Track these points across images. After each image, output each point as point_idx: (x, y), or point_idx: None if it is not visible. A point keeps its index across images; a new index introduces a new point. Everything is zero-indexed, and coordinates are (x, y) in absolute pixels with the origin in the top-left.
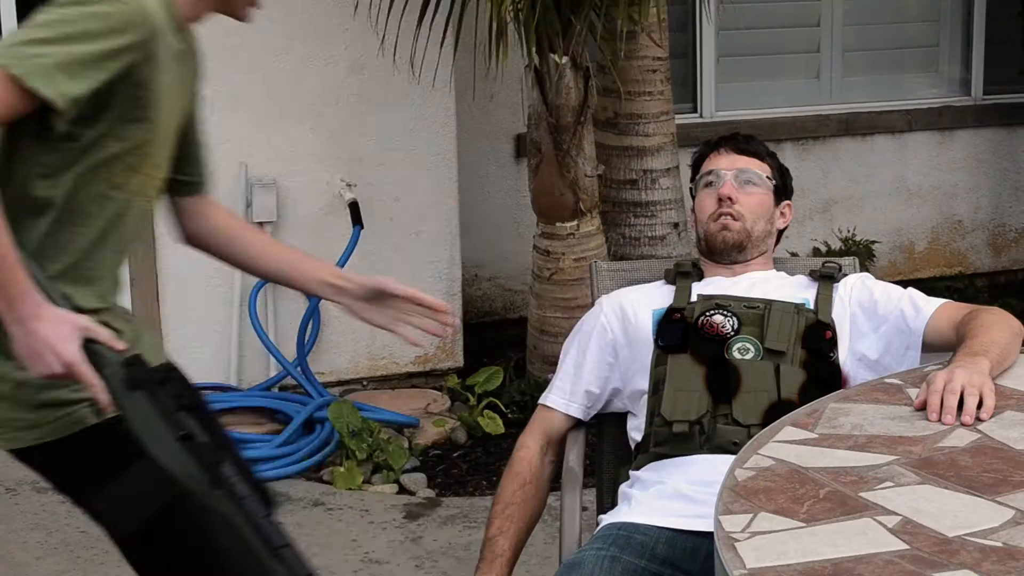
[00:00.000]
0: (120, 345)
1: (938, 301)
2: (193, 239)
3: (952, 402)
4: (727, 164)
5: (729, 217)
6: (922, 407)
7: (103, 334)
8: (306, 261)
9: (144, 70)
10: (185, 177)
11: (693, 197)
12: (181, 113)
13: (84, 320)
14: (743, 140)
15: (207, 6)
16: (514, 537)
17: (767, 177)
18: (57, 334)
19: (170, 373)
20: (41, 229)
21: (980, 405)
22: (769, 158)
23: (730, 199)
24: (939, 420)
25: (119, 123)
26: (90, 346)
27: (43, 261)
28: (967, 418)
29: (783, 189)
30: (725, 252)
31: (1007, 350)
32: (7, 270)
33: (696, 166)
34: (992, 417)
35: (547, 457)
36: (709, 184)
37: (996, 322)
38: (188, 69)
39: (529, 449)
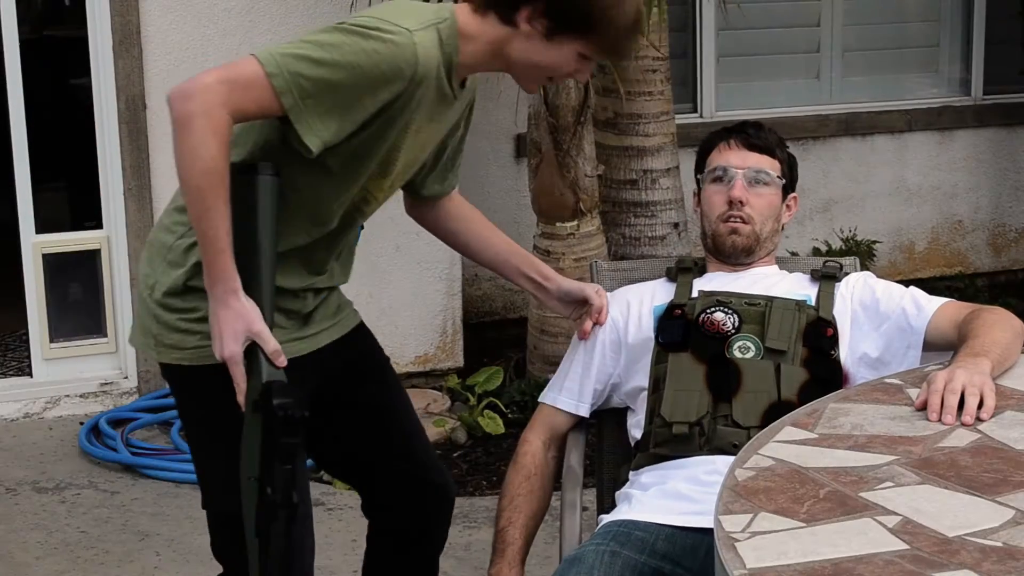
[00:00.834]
0: (282, 361)
1: (940, 300)
2: (423, 219)
3: (952, 402)
4: (738, 161)
5: (739, 221)
6: (923, 407)
7: (270, 346)
8: (516, 255)
9: (395, 109)
10: (437, 187)
11: (698, 187)
12: (430, 145)
13: (259, 325)
14: (754, 133)
15: (495, 66)
16: (523, 528)
17: (778, 176)
18: (230, 327)
19: (301, 420)
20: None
21: (981, 405)
22: (780, 149)
23: (741, 202)
24: (939, 420)
25: (352, 152)
26: (254, 350)
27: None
28: (967, 418)
29: (791, 182)
30: (733, 255)
31: (1008, 350)
32: (213, 253)
33: (703, 154)
34: (992, 417)
35: (551, 453)
36: (718, 180)
37: (998, 322)
38: (452, 109)
39: (532, 444)
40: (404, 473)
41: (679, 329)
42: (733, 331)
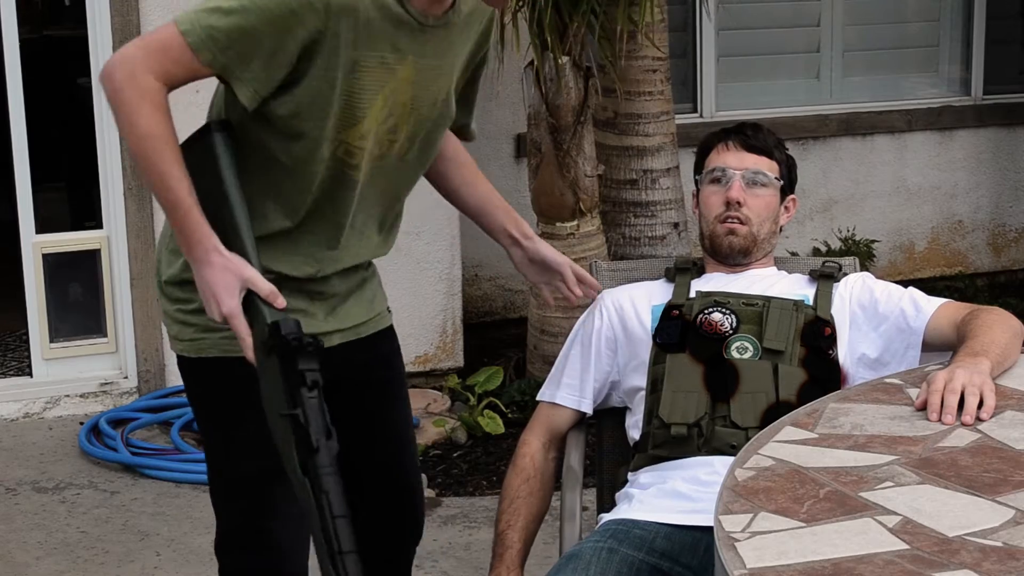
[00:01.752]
0: (280, 302)
1: (939, 301)
2: None
3: (952, 401)
4: (736, 162)
5: (736, 221)
6: (923, 407)
7: (264, 288)
8: (499, 209)
9: (325, 48)
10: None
11: (697, 188)
12: (426, 81)
13: (248, 271)
14: (752, 134)
15: None
16: (523, 530)
17: (776, 177)
18: (221, 282)
19: (315, 346)
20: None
21: (981, 405)
22: (778, 151)
23: (738, 203)
24: (939, 420)
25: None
26: (251, 298)
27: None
28: (967, 418)
29: (789, 184)
30: (730, 256)
31: (1007, 350)
32: (181, 215)
33: (701, 155)
34: (992, 417)
35: (550, 454)
36: (716, 181)
37: (997, 322)
38: (440, 38)
39: (531, 445)
40: (382, 493)
41: (677, 330)
42: (731, 332)
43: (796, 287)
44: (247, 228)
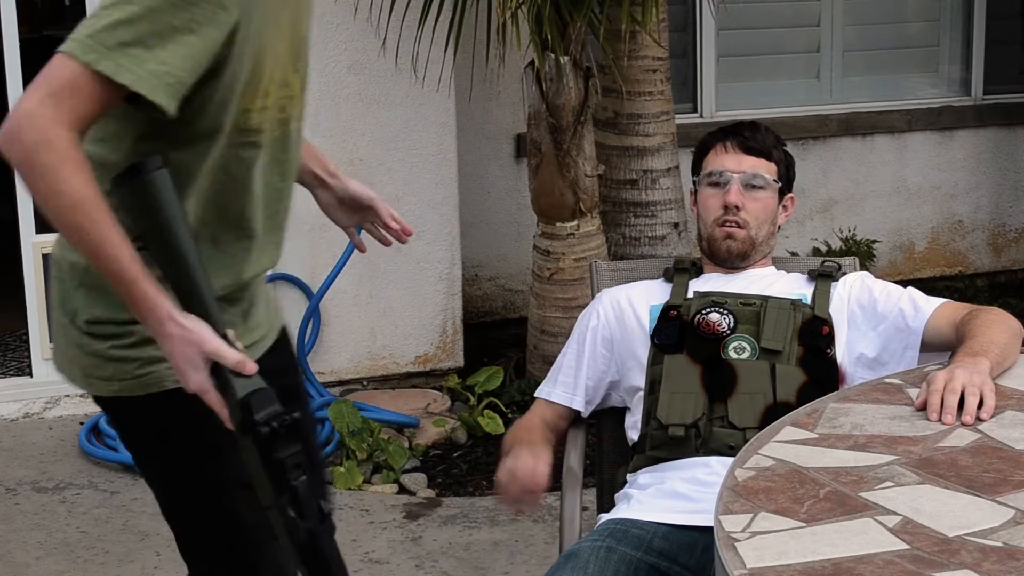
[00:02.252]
0: (250, 368)
1: (938, 301)
2: None
3: (952, 402)
4: (733, 165)
5: (734, 225)
6: (923, 407)
7: (231, 359)
8: (306, 149)
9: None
10: None
11: (695, 188)
12: (300, 16)
13: (211, 343)
14: (750, 135)
15: None
16: (540, 429)
17: (773, 180)
18: (182, 355)
19: (292, 424)
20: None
21: (980, 405)
22: (776, 150)
23: (736, 207)
24: (939, 420)
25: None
26: (218, 368)
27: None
28: (967, 418)
29: (787, 183)
30: (728, 259)
31: (1007, 350)
32: (127, 284)
33: (699, 156)
34: (992, 417)
35: (549, 436)
36: (714, 184)
37: (996, 322)
38: None
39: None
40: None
41: (674, 330)
42: (728, 332)
43: (794, 286)
44: (202, 278)
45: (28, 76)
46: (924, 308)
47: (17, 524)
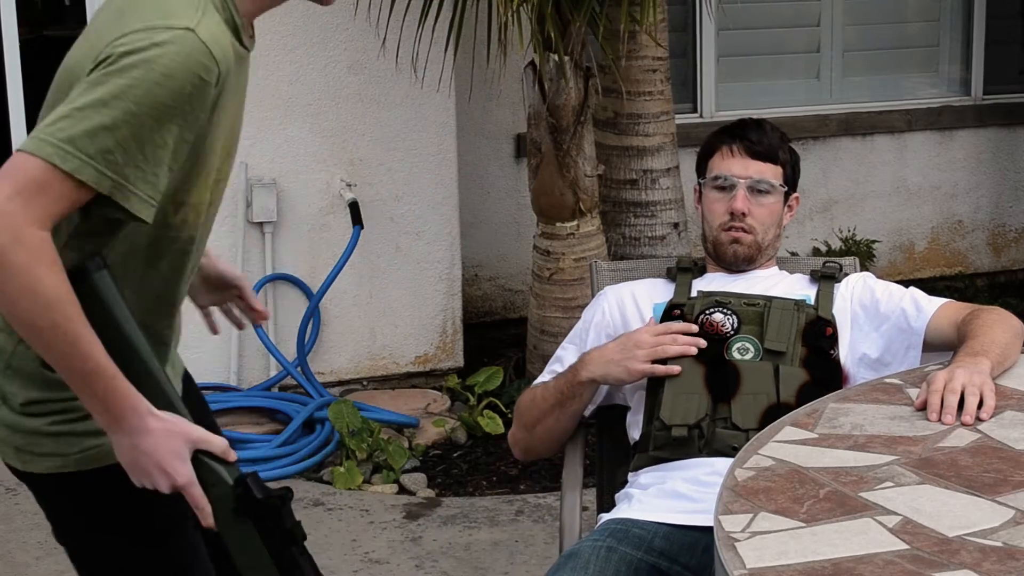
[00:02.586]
0: (232, 455)
1: (940, 301)
2: None
3: (952, 401)
4: (740, 170)
5: (741, 231)
6: (923, 407)
7: (219, 446)
8: None
9: (204, 121)
10: None
11: (699, 188)
12: (238, 116)
13: (195, 431)
14: (756, 139)
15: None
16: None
17: (780, 184)
18: (167, 449)
19: (284, 501)
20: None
21: (980, 405)
22: (782, 152)
23: (743, 214)
24: (939, 420)
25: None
26: (199, 458)
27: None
28: (967, 418)
29: (793, 184)
30: (735, 264)
31: (1008, 350)
32: (105, 382)
33: (704, 157)
34: (992, 417)
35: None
36: (720, 188)
37: (997, 322)
38: (245, 70)
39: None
40: None
41: None
42: (732, 332)
43: (797, 287)
44: (160, 371)
45: (28, 76)
46: (926, 308)
47: (17, 524)
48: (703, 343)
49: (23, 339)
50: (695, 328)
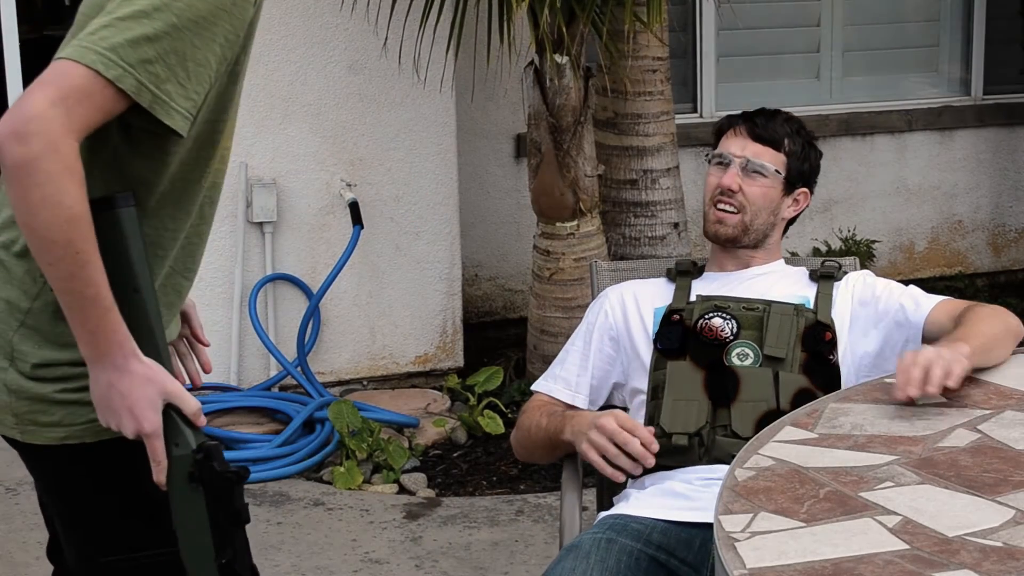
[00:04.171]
0: (202, 420)
1: (939, 297)
2: None
3: (916, 374)
4: (738, 149)
5: (728, 211)
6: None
7: (191, 406)
8: None
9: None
10: None
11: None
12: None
13: (172, 384)
14: (761, 123)
15: None
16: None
17: (776, 170)
18: (142, 394)
19: (239, 479)
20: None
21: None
22: (789, 141)
23: (731, 190)
24: (906, 397)
25: (212, 103)
26: (169, 413)
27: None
28: (931, 388)
29: (799, 176)
30: (718, 242)
31: (994, 342)
32: (100, 313)
33: (716, 138)
34: (992, 417)
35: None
36: (717, 164)
37: (990, 315)
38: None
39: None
40: None
41: (677, 336)
42: (731, 337)
43: (797, 288)
44: (159, 325)
45: (28, 76)
46: (924, 304)
47: (17, 524)
48: (650, 462)
49: (35, 260)
50: (655, 447)
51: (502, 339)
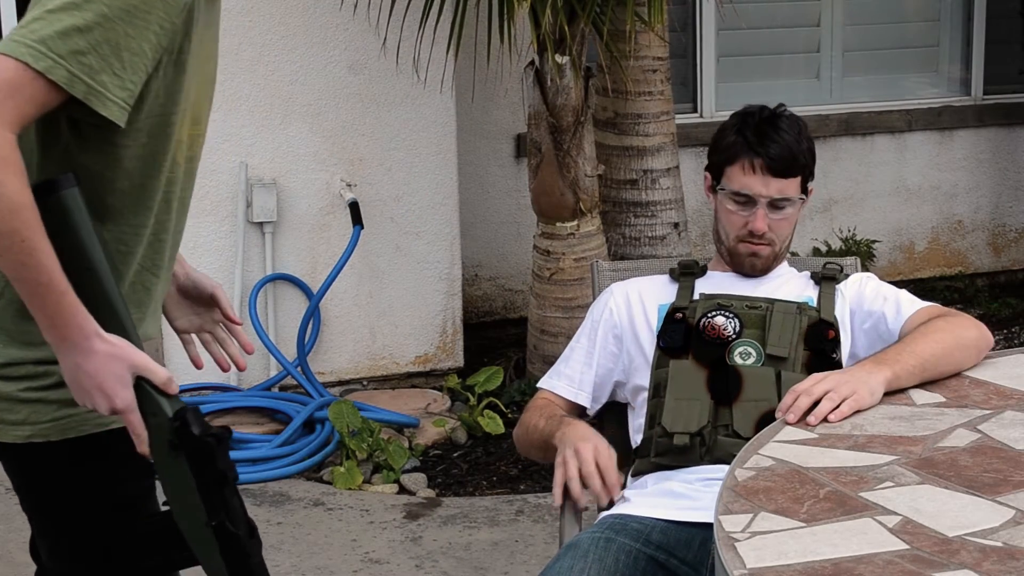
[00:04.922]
0: (174, 387)
1: (922, 304)
2: None
3: (803, 404)
4: (761, 188)
5: (761, 245)
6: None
7: (161, 376)
8: None
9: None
10: None
11: (713, 186)
12: (211, 58)
13: (139, 357)
14: (776, 155)
15: None
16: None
17: (799, 196)
18: (109, 372)
19: (220, 440)
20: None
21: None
22: (801, 156)
23: (763, 232)
24: (783, 418)
25: (161, 97)
26: (142, 386)
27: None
28: (812, 419)
29: (810, 176)
30: (752, 274)
31: (935, 360)
32: (55, 298)
33: (722, 162)
34: (992, 417)
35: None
36: (739, 203)
37: (942, 329)
38: (217, 6)
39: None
40: None
41: (680, 334)
42: (734, 336)
43: (800, 288)
44: (120, 300)
45: None
46: (904, 311)
47: (17, 524)
48: (603, 501)
49: None
50: (615, 494)
51: (502, 339)
